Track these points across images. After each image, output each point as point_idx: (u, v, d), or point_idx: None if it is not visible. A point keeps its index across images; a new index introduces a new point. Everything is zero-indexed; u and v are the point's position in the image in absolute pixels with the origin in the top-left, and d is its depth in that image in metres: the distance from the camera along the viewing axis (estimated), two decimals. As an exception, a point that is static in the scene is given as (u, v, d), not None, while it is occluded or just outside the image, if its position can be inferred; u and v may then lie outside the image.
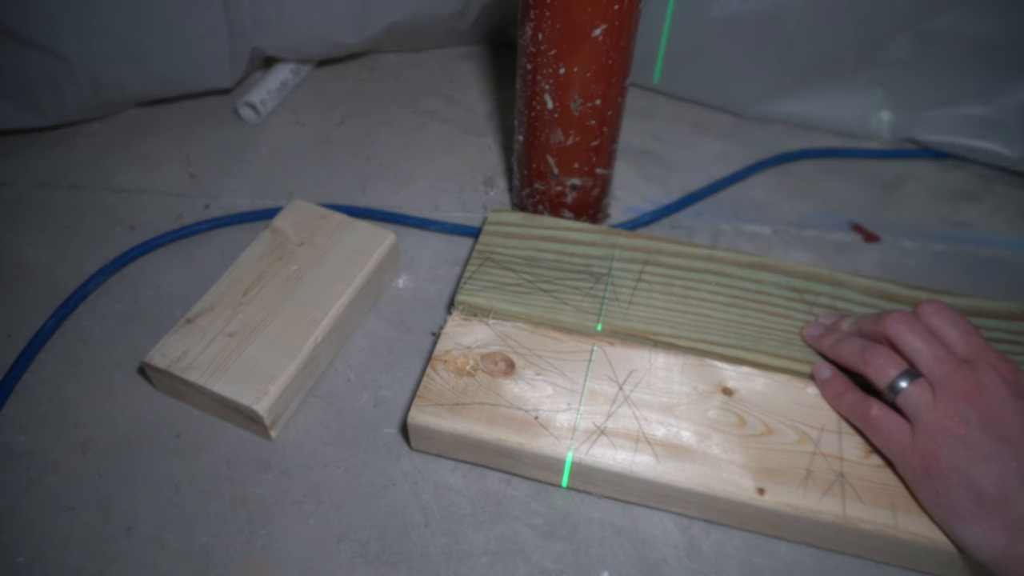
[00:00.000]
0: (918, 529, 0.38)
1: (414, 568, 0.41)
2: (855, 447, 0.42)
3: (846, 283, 0.49)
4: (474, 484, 0.44)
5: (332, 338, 0.49)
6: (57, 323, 0.51)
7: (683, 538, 0.42)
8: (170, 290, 0.54)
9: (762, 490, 0.40)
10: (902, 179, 0.64)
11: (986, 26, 0.59)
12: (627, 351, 0.46)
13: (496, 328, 0.47)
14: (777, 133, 0.68)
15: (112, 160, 0.64)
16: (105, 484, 0.44)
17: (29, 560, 0.41)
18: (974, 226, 0.61)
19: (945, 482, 0.37)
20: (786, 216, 0.61)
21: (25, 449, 0.45)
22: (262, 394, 0.43)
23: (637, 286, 0.49)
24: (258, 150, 0.66)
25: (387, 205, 0.61)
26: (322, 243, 0.52)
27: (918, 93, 0.63)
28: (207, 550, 0.41)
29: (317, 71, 0.73)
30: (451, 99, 0.72)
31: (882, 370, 0.40)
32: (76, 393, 0.48)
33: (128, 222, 0.59)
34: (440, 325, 0.50)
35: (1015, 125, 0.61)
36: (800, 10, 0.59)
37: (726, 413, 0.43)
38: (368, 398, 0.48)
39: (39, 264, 0.56)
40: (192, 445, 0.46)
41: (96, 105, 0.65)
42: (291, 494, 0.44)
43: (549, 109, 0.49)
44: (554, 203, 0.55)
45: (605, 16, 0.44)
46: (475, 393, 0.43)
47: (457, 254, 0.57)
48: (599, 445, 0.41)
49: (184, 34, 0.61)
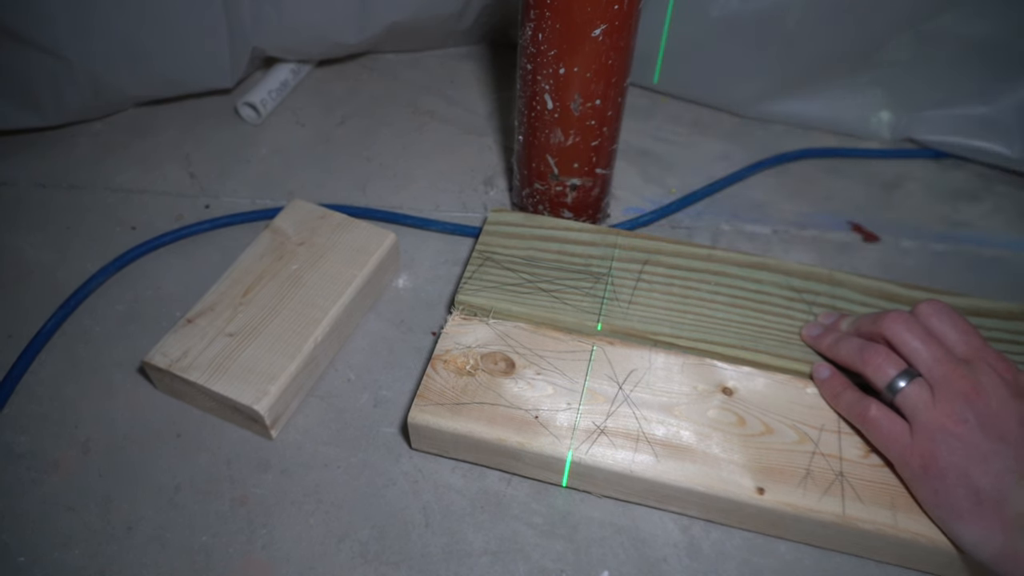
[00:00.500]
0: (917, 528, 0.38)
1: (414, 568, 0.41)
2: (854, 447, 0.42)
3: (845, 283, 0.49)
4: (474, 484, 0.44)
5: (332, 338, 0.49)
6: (57, 323, 0.51)
7: (683, 538, 0.42)
8: (170, 290, 0.54)
9: (762, 489, 0.40)
10: (902, 179, 0.65)
11: (986, 26, 0.59)
12: (627, 351, 0.46)
13: (496, 328, 0.47)
14: (777, 133, 0.68)
15: (112, 160, 0.64)
16: (105, 484, 0.44)
17: (30, 560, 0.41)
18: (974, 226, 0.61)
19: (943, 481, 0.37)
20: (786, 216, 0.61)
21: (25, 449, 0.45)
22: (262, 394, 0.43)
23: (637, 286, 0.49)
24: (258, 150, 0.66)
25: (387, 205, 0.61)
26: (322, 243, 0.52)
27: (918, 93, 0.63)
28: (207, 550, 0.41)
29: (317, 71, 0.73)
30: (451, 99, 0.72)
31: (880, 370, 0.40)
32: (76, 393, 0.48)
33: (128, 222, 0.59)
34: (440, 325, 0.50)
35: (1015, 125, 0.61)
36: (800, 10, 0.59)
37: (726, 413, 0.43)
38: (368, 398, 0.48)
39: (39, 264, 0.56)
40: (192, 445, 0.46)
41: (96, 105, 0.65)
42: (291, 494, 0.44)
43: (549, 109, 0.49)
44: (554, 203, 0.55)
45: (605, 16, 0.44)
46: (475, 393, 0.43)
47: (457, 254, 0.57)
48: (599, 445, 0.41)
49: (184, 34, 0.61)
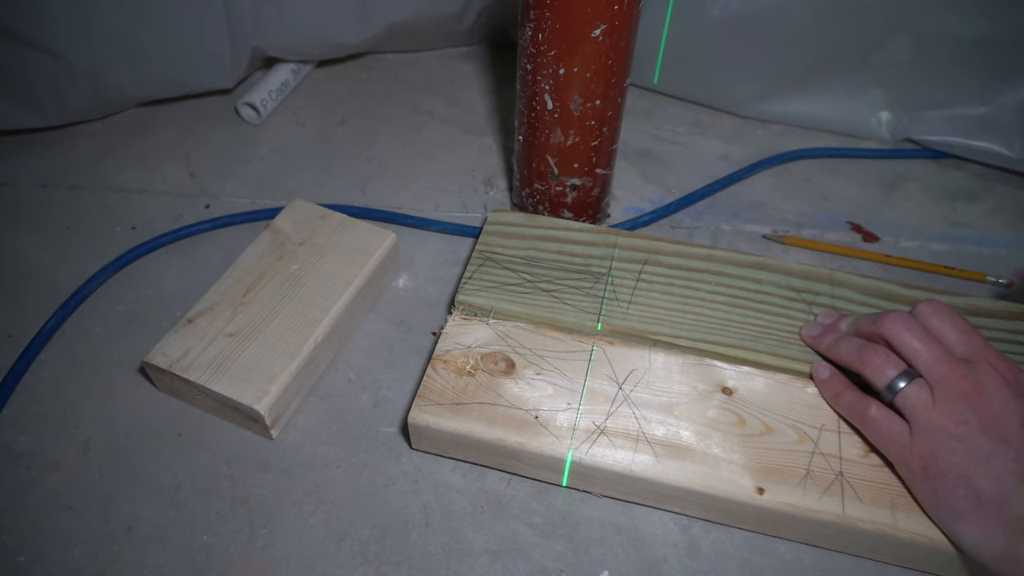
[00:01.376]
0: (917, 528, 0.38)
1: (414, 567, 0.41)
2: (854, 446, 0.42)
3: (845, 283, 0.49)
4: (474, 484, 0.44)
5: (332, 338, 0.49)
6: (58, 323, 0.51)
7: (683, 537, 0.42)
8: (170, 290, 0.54)
9: (762, 489, 0.40)
10: (902, 179, 0.65)
11: (986, 26, 0.59)
12: (627, 351, 0.46)
13: (496, 328, 0.47)
14: (777, 133, 0.68)
15: (112, 160, 0.64)
16: (106, 484, 0.44)
17: (30, 560, 0.41)
18: (973, 226, 0.61)
19: (943, 482, 0.37)
20: (785, 216, 0.61)
21: (26, 449, 0.45)
22: (263, 394, 0.43)
23: (637, 286, 0.49)
24: (258, 150, 0.66)
25: (387, 205, 0.61)
26: (322, 243, 0.52)
27: (918, 93, 0.63)
28: (208, 549, 0.41)
29: (317, 71, 0.73)
30: (451, 99, 0.72)
31: (880, 371, 0.40)
32: (77, 393, 0.48)
33: (128, 222, 0.59)
34: (440, 325, 0.50)
35: (1015, 125, 0.61)
36: (800, 10, 0.59)
37: (726, 412, 0.43)
38: (368, 398, 0.48)
39: (39, 264, 0.56)
40: (193, 445, 0.46)
41: (96, 105, 0.65)
42: (291, 494, 0.44)
43: (549, 109, 0.49)
44: (554, 203, 0.55)
45: (605, 16, 0.44)
46: (475, 393, 0.43)
47: (457, 254, 0.57)
48: (599, 445, 0.41)
49: (184, 34, 0.61)
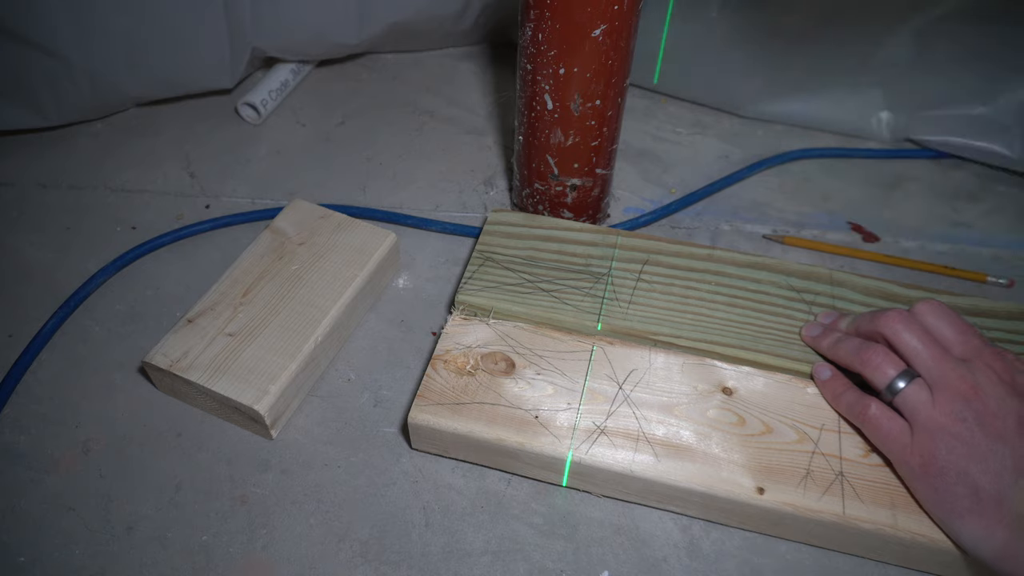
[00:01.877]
0: (917, 528, 0.38)
1: (414, 567, 0.41)
2: (854, 446, 0.42)
3: (845, 283, 0.49)
4: (474, 484, 0.44)
5: (332, 338, 0.49)
6: (58, 323, 0.51)
7: (683, 537, 0.42)
8: (170, 290, 0.54)
9: (762, 489, 0.40)
10: (902, 179, 0.65)
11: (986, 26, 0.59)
12: (627, 351, 0.46)
13: (496, 328, 0.47)
14: (777, 133, 0.68)
15: (112, 160, 0.64)
16: (106, 484, 0.44)
17: (30, 560, 0.41)
18: (974, 226, 0.61)
19: (943, 480, 0.37)
20: (786, 216, 0.61)
21: (26, 449, 0.45)
22: (263, 394, 0.43)
23: (637, 286, 0.49)
24: (258, 150, 0.66)
25: (387, 205, 0.61)
26: (322, 243, 0.52)
27: (918, 93, 0.63)
28: (208, 549, 0.41)
29: (317, 71, 0.73)
30: (451, 99, 0.72)
31: (879, 370, 0.40)
32: (77, 393, 0.48)
33: (128, 222, 0.59)
34: (440, 325, 0.50)
35: (1015, 125, 0.61)
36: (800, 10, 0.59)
37: (726, 412, 0.43)
38: (368, 398, 0.48)
39: (39, 264, 0.56)
40: (193, 445, 0.46)
41: (96, 105, 0.65)
42: (291, 494, 0.44)
43: (549, 109, 0.49)
44: (554, 203, 0.55)
45: (605, 16, 0.44)
46: (475, 392, 0.43)
47: (457, 254, 0.57)
48: (599, 444, 0.41)
49: (184, 34, 0.61)
